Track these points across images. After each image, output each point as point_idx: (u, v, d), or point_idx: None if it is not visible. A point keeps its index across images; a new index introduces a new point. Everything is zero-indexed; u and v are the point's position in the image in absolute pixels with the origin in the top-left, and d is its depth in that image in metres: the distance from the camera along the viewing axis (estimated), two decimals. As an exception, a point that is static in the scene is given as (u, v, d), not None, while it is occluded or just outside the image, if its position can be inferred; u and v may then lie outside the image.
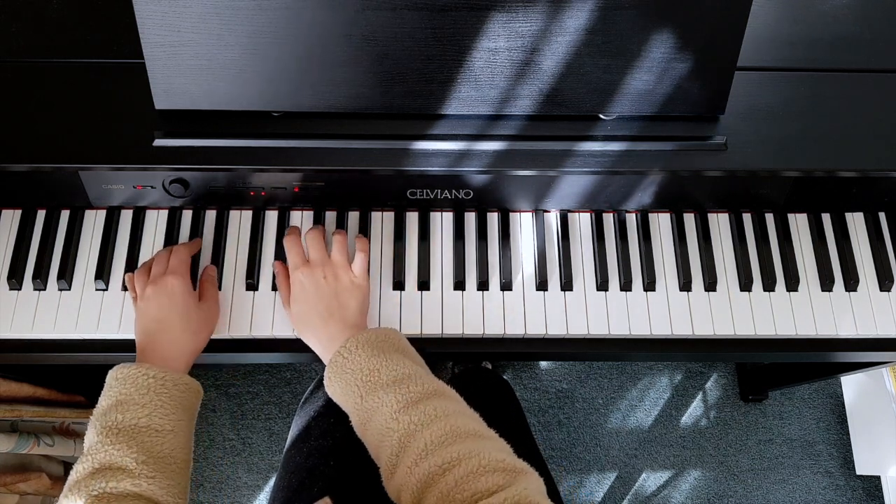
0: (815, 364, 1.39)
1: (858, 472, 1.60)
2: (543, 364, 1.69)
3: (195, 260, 0.83)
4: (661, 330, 0.83)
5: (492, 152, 0.78)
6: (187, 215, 0.86)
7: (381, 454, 0.63)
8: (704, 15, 0.74)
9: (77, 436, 1.38)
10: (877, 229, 0.89)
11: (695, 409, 1.67)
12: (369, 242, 0.84)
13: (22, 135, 0.78)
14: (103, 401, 0.68)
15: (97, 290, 0.83)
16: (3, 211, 0.86)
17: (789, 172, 0.82)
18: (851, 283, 0.86)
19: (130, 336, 0.81)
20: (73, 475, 0.63)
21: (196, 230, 0.85)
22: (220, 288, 0.83)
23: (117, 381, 0.68)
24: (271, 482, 1.57)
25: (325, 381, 0.71)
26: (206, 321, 0.78)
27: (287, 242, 0.80)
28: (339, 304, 0.75)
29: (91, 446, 0.64)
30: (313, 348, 0.76)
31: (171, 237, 0.85)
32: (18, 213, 0.86)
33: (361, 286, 0.77)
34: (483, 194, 0.85)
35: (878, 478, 1.59)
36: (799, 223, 0.89)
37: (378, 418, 0.63)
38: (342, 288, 0.76)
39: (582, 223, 0.88)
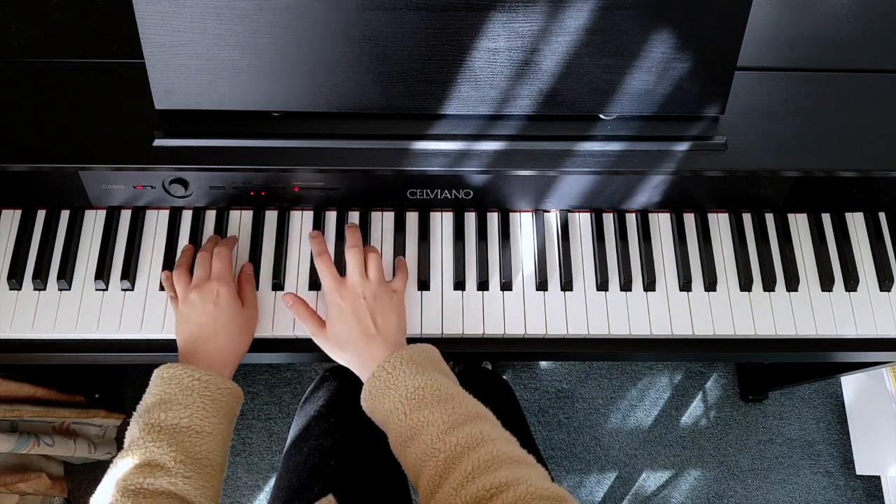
0: (815, 364, 1.39)
1: (858, 472, 1.60)
2: (543, 364, 1.69)
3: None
4: (661, 330, 0.83)
5: (492, 152, 0.78)
6: (187, 215, 0.86)
7: (422, 473, 0.62)
8: (704, 15, 0.74)
9: (77, 436, 1.38)
10: (877, 229, 0.89)
11: (695, 409, 1.67)
12: (407, 266, 0.83)
13: (22, 135, 0.78)
14: (147, 398, 0.68)
15: (97, 290, 0.83)
16: (3, 211, 0.86)
17: (789, 172, 0.82)
18: (851, 283, 0.86)
19: (130, 336, 0.81)
20: (114, 469, 0.63)
21: (196, 230, 0.85)
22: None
23: (162, 380, 0.68)
24: (271, 482, 1.57)
25: (363, 396, 0.71)
26: (247, 327, 0.78)
27: (319, 264, 0.78)
28: (381, 321, 0.74)
29: (132, 441, 0.65)
30: (350, 367, 0.75)
31: (171, 237, 0.85)
32: (18, 213, 0.86)
33: (401, 304, 0.78)
34: (483, 194, 0.85)
35: (878, 478, 1.59)
36: (799, 223, 0.89)
37: (423, 437, 0.63)
38: (382, 304, 0.75)
39: (582, 223, 0.88)
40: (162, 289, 0.83)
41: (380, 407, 0.69)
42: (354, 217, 0.87)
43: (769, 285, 0.85)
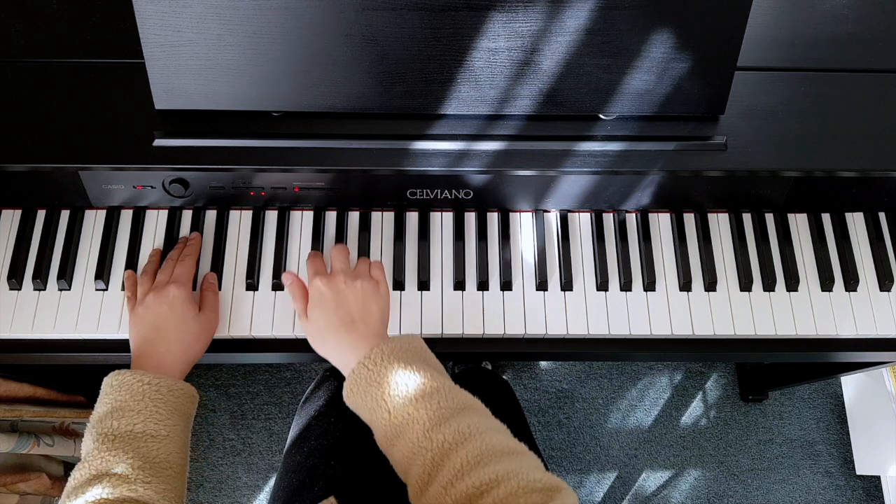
0: (815, 364, 1.39)
1: (858, 472, 1.60)
2: (543, 364, 1.69)
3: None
4: (661, 330, 0.83)
5: (492, 152, 0.78)
6: (187, 215, 0.87)
7: (410, 471, 0.61)
8: (704, 15, 0.74)
9: (77, 436, 1.38)
10: (877, 229, 0.89)
11: (695, 409, 1.67)
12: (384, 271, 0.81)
13: (22, 135, 0.78)
14: (99, 407, 0.68)
15: (97, 290, 0.83)
16: (3, 211, 0.86)
17: (789, 172, 0.82)
18: (851, 283, 0.86)
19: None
20: (71, 482, 0.63)
21: (196, 230, 0.85)
22: (220, 288, 0.83)
23: (112, 388, 0.68)
24: (271, 482, 1.57)
25: (345, 392, 0.69)
26: (204, 331, 0.77)
27: (309, 258, 0.78)
28: (362, 309, 0.73)
29: (88, 453, 0.64)
30: (329, 358, 0.73)
31: (171, 237, 0.85)
32: (18, 213, 0.86)
33: (383, 293, 0.76)
34: (483, 194, 0.85)
35: (878, 478, 1.59)
36: (799, 223, 0.89)
37: (409, 435, 0.62)
38: (364, 292, 0.74)
39: (582, 223, 0.88)
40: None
41: (363, 405, 0.67)
42: (354, 217, 0.87)
43: (769, 285, 0.85)
